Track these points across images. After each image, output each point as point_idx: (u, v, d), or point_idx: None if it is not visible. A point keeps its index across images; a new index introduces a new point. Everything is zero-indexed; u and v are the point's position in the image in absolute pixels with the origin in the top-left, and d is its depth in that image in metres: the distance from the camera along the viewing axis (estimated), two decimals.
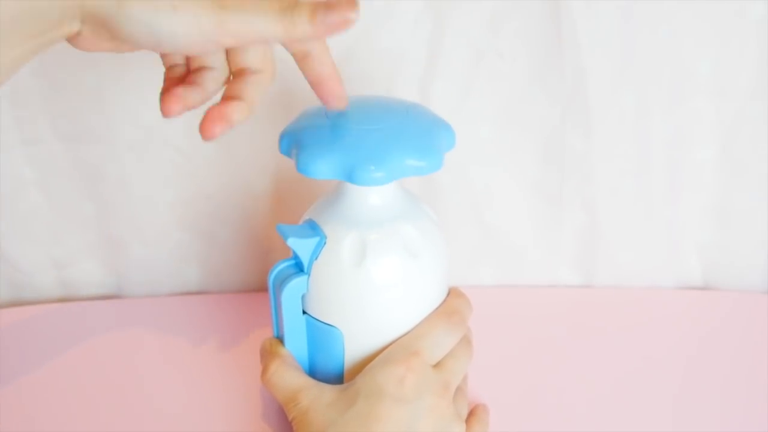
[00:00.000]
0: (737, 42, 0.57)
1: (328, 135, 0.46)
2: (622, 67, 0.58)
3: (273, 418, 0.55)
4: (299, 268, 0.49)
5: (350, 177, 0.44)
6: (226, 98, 0.43)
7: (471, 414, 0.52)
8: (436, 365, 0.49)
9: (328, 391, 0.48)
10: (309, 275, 0.49)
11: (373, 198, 0.49)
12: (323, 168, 0.45)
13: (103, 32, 0.37)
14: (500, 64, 0.59)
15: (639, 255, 0.66)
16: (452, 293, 0.53)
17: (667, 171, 0.62)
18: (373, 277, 0.48)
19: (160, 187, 0.64)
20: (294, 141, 0.46)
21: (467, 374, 0.53)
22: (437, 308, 0.51)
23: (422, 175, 0.45)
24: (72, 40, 0.38)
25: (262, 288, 0.67)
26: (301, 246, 0.48)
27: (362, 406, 0.46)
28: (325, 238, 0.48)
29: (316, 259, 0.48)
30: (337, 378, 0.51)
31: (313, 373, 0.52)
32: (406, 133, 0.46)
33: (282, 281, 0.49)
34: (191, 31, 0.36)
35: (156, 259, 0.66)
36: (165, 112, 0.42)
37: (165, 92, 0.42)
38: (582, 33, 0.57)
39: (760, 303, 0.65)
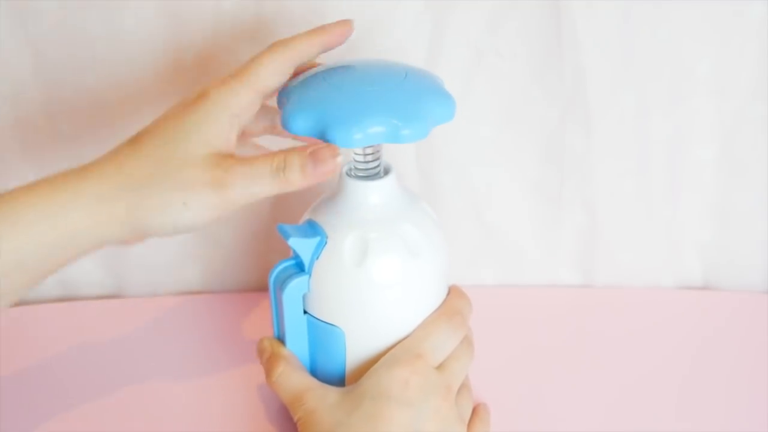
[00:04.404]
0: (737, 42, 0.57)
1: (316, 92, 0.45)
2: (622, 67, 0.58)
3: (273, 418, 0.55)
4: (300, 268, 0.49)
5: (323, 135, 0.43)
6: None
7: (473, 414, 0.52)
8: (439, 367, 0.49)
9: (334, 392, 0.49)
10: (310, 275, 0.49)
11: (373, 197, 0.49)
12: (301, 124, 0.44)
13: (141, 236, 0.45)
14: (500, 64, 0.59)
15: (639, 255, 0.66)
16: (453, 293, 0.53)
17: (667, 171, 0.62)
18: (375, 276, 0.48)
19: None
20: (285, 96, 0.46)
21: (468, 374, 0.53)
22: (438, 309, 0.52)
23: (405, 143, 0.44)
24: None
25: (262, 288, 0.67)
26: (303, 246, 0.48)
27: (368, 408, 0.46)
28: (326, 237, 0.48)
29: (317, 258, 0.49)
30: (339, 377, 0.51)
31: (314, 373, 0.52)
32: (395, 97, 0.44)
33: (283, 281, 0.49)
34: (204, 215, 0.43)
35: (156, 259, 0.66)
36: None
37: None
38: (582, 33, 0.57)
39: (760, 303, 0.65)
